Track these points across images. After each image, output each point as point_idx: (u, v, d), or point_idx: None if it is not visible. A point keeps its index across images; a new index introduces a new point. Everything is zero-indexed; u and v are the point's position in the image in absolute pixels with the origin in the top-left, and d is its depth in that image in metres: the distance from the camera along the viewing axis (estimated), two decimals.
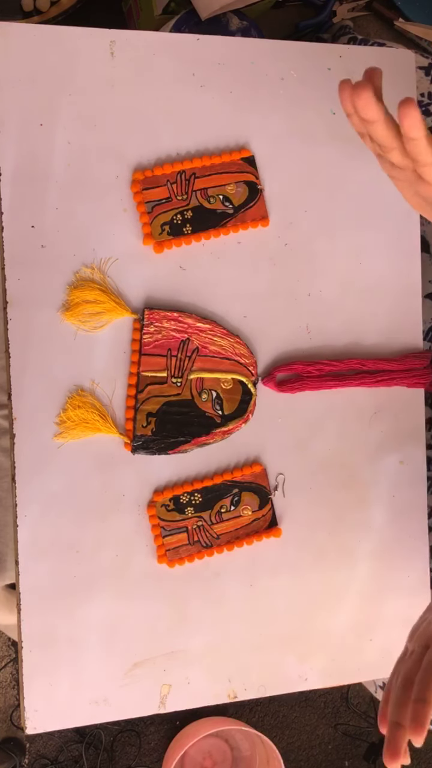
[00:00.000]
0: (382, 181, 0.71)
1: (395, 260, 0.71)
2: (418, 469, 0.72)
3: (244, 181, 0.66)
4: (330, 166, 0.69)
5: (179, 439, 0.64)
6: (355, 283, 0.70)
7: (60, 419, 0.62)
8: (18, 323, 0.61)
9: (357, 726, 1.42)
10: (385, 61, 0.71)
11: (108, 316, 0.62)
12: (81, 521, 0.62)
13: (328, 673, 0.69)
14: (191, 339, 0.64)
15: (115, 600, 0.63)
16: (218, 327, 0.65)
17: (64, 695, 0.62)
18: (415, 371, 0.70)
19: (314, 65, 0.69)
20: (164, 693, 0.64)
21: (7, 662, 1.23)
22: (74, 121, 0.62)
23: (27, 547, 0.61)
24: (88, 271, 0.62)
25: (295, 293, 0.68)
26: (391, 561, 0.71)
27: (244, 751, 1.30)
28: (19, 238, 0.61)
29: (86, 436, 0.62)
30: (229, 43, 0.67)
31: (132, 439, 0.63)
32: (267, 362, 0.68)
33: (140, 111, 0.64)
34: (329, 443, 0.69)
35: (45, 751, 1.26)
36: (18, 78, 0.61)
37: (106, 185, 0.63)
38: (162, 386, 0.64)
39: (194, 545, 0.65)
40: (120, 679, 0.63)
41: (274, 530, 0.67)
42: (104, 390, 0.63)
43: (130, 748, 1.30)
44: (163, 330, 0.63)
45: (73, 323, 0.62)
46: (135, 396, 0.63)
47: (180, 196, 0.64)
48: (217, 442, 0.66)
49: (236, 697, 0.67)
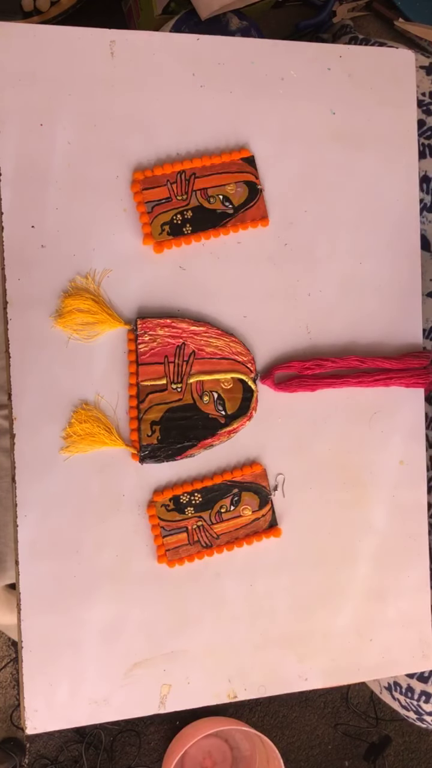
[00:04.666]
0: (382, 181, 0.71)
1: (395, 260, 0.71)
2: (418, 469, 0.72)
3: (244, 181, 0.66)
4: (330, 166, 0.69)
5: (185, 444, 0.64)
6: (355, 283, 0.70)
7: (66, 433, 0.62)
8: (18, 323, 0.61)
9: (357, 726, 1.42)
10: (385, 61, 0.71)
11: (101, 327, 0.62)
12: (81, 521, 0.62)
13: (328, 673, 0.69)
14: (187, 343, 0.64)
15: (115, 600, 0.63)
16: (212, 328, 0.65)
17: (64, 695, 0.62)
18: (414, 371, 0.70)
19: (314, 65, 0.69)
20: (164, 693, 0.64)
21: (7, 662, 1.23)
22: (74, 121, 0.62)
23: (27, 547, 0.61)
24: (83, 280, 0.62)
25: (295, 293, 0.68)
26: (391, 561, 0.71)
27: (244, 751, 1.30)
28: (19, 238, 0.61)
29: (93, 449, 0.62)
30: (229, 43, 0.67)
31: (138, 450, 0.63)
32: (267, 362, 0.68)
33: (140, 111, 0.64)
34: (329, 443, 0.69)
35: (45, 751, 1.26)
36: (18, 78, 0.61)
37: (106, 185, 0.63)
38: (163, 393, 0.64)
39: (194, 545, 0.65)
40: (120, 679, 0.63)
41: (274, 530, 0.67)
42: (108, 402, 0.63)
43: (130, 748, 1.30)
44: (157, 338, 0.63)
45: (65, 330, 0.62)
46: (137, 406, 0.63)
47: (180, 196, 0.64)
48: (223, 442, 0.66)
49: (236, 697, 0.67)
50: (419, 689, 0.95)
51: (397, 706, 1.03)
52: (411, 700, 0.97)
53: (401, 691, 0.98)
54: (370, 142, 0.70)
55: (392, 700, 1.03)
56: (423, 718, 0.99)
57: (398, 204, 0.71)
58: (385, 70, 0.71)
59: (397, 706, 1.03)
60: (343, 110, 0.69)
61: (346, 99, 0.70)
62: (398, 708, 1.03)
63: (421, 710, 0.97)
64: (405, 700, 0.99)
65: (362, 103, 0.70)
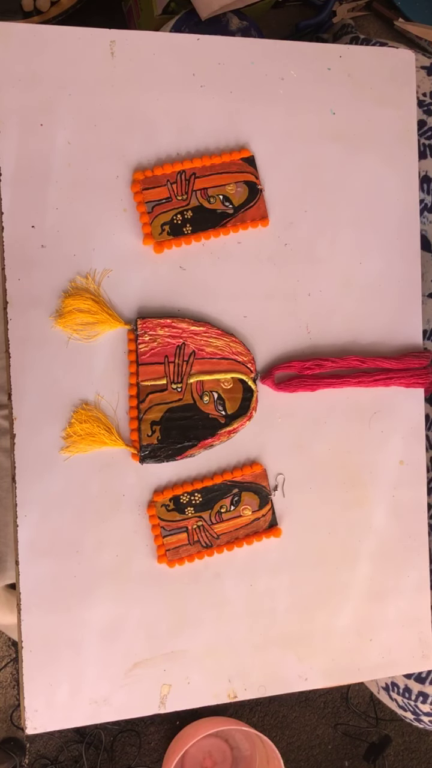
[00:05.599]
0: (382, 181, 0.71)
1: (395, 260, 0.71)
2: (418, 469, 0.72)
3: (244, 181, 0.66)
4: (330, 166, 0.69)
5: (185, 444, 0.64)
6: (355, 282, 0.70)
7: (66, 434, 0.62)
8: (18, 323, 0.61)
9: (357, 726, 1.42)
10: (385, 61, 0.71)
11: (101, 327, 0.62)
12: (81, 521, 0.62)
13: (328, 673, 0.69)
14: (187, 343, 0.64)
15: (115, 600, 0.63)
16: (212, 328, 0.65)
17: (64, 695, 0.62)
18: (414, 371, 0.70)
19: (314, 65, 0.69)
20: (164, 693, 0.64)
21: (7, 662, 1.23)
22: (74, 121, 0.62)
23: (27, 547, 0.61)
24: (83, 280, 0.62)
25: (295, 293, 0.68)
26: (391, 561, 0.71)
27: (244, 751, 1.30)
28: (19, 238, 0.61)
29: (93, 449, 0.62)
30: (229, 43, 0.67)
31: (139, 450, 0.63)
32: (267, 362, 0.68)
33: (140, 111, 0.64)
34: (329, 443, 0.69)
35: (45, 751, 1.26)
36: (18, 78, 0.61)
37: (106, 185, 0.63)
38: (163, 393, 0.64)
39: (194, 545, 0.65)
40: (120, 679, 0.63)
41: (274, 530, 0.67)
42: (108, 402, 0.63)
43: (130, 748, 1.30)
44: (157, 338, 0.63)
45: (65, 330, 0.62)
46: (137, 406, 0.63)
47: (180, 196, 0.64)
48: (223, 442, 0.66)
49: (236, 697, 0.67)
50: (416, 690, 0.95)
51: (395, 707, 1.03)
52: (408, 701, 0.97)
53: (399, 692, 0.98)
54: (370, 142, 0.70)
55: (390, 700, 1.03)
56: (420, 718, 0.99)
57: (398, 204, 0.71)
58: (385, 70, 0.71)
59: (394, 706, 1.03)
60: (343, 110, 0.70)
61: (346, 99, 0.70)
62: (396, 708, 1.03)
63: (419, 711, 0.97)
64: (402, 701, 0.99)
65: (362, 103, 0.70)
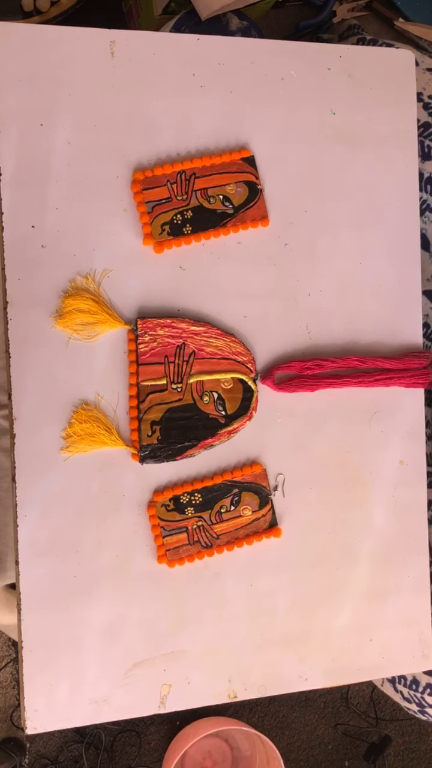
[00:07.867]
0: (382, 181, 0.71)
1: (395, 260, 0.71)
2: (418, 469, 0.72)
3: (244, 181, 0.66)
4: (330, 166, 0.69)
5: (185, 444, 0.64)
6: (355, 282, 0.70)
7: (66, 434, 0.62)
8: (18, 323, 0.61)
9: (357, 726, 1.42)
10: (385, 61, 0.71)
11: (101, 327, 0.62)
12: (81, 521, 0.62)
13: (328, 673, 0.69)
14: (187, 343, 0.64)
15: (115, 600, 0.63)
16: (212, 328, 0.65)
17: (64, 695, 0.62)
18: (414, 371, 0.70)
19: (314, 65, 0.69)
20: (164, 693, 0.64)
21: (7, 662, 1.23)
22: (74, 121, 0.62)
23: (27, 547, 0.61)
24: (83, 280, 0.62)
25: (295, 293, 0.68)
26: (390, 561, 0.71)
27: (244, 751, 1.30)
28: (19, 238, 0.61)
29: (93, 449, 0.62)
30: (229, 43, 0.67)
31: (139, 450, 0.63)
32: (267, 362, 0.68)
33: (140, 111, 0.64)
34: (329, 443, 0.69)
35: (45, 751, 1.26)
36: (18, 78, 0.61)
37: (106, 185, 0.63)
38: (163, 393, 0.64)
39: (194, 545, 0.65)
40: (120, 679, 0.63)
41: (274, 530, 0.67)
42: (108, 402, 0.63)
43: (130, 748, 1.30)
44: (157, 338, 0.63)
45: (65, 330, 0.62)
46: (137, 406, 0.63)
47: (180, 196, 0.64)
48: (223, 442, 0.66)
49: (236, 697, 0.67)
50: (425, 682, 0.95)
51: (399, 698, 1.03)
52: (415, 693, 0.97)
53: (405, 683, 0.99)
54: (370, 142, 0.70)
55: (394, 692, 1.03)
56: (425, 710, 0.99)
57: (398, 204, 0.71)
58: (385, 70, 0.71)
59: (398, 698, 1.03)
60: (343, 110, 0.70)
61: (346, 99, 0.70)
62: (399, 700, 1.03)
63: (425, 702, 0.97)
64: (408, 692, 0.99)
65: (362, 103, 0.70)
